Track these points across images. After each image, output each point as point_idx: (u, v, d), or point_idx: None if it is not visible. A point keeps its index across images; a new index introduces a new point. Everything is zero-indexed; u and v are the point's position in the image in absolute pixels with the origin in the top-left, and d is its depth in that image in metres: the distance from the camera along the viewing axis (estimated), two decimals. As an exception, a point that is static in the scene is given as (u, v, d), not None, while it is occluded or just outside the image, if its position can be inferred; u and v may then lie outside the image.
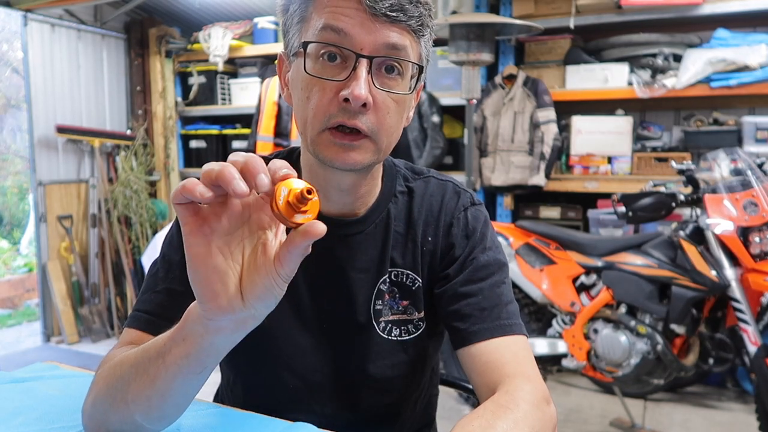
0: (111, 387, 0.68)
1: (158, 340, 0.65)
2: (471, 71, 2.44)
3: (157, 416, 0.67)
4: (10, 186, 6.80)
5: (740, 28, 2.91)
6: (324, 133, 0.75)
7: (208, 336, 0.59)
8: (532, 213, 3.27)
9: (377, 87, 0.74)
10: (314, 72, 0.74)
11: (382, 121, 0.75)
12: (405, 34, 0.74)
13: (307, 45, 0.74)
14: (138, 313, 0.82)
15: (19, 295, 4.76)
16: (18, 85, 6.85)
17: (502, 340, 0.81)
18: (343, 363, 0.89)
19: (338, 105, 0.73)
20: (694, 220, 2.32)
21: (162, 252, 0.88)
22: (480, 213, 0.92)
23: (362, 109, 0.73)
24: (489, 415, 0.66)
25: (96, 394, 0.71)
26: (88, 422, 0.72)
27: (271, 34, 3.76)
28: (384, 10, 0.71)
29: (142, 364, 0.65)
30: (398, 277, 0.89)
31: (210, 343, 0.60)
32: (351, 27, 0.72)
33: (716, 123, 3.00)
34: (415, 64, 0.77)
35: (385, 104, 0.75)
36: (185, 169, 4.19)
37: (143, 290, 0.85)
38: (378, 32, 0.72)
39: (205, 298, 0.56)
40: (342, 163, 0.75)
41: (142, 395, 0.65)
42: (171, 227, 0.90)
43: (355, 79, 0.72)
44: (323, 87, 0.74)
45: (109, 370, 0.70)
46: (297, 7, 0.77)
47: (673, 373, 2.41)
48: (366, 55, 0.72)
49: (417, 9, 0.74)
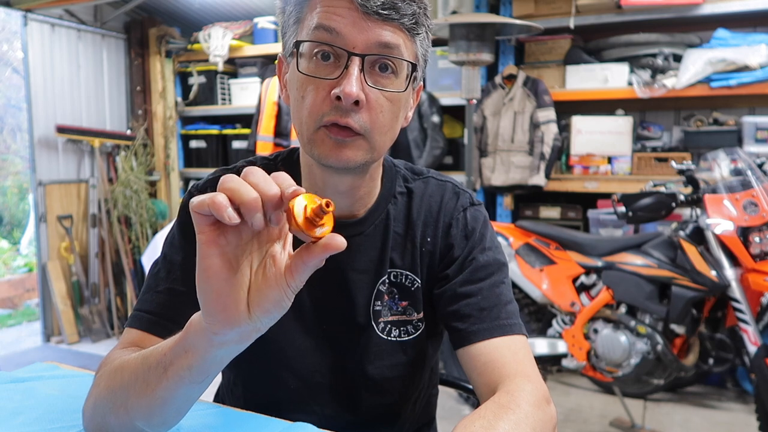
0: (111, 392, 0.68)
1: (159, 349, 0.64)
2: (471, 71, 2.44)
3: (159, 422, 0.67)
4: (10, 186, 6.80)
5: (740, 28, 2.91)
6: (319, 131, 0.75)
7: (212, 349, 0.58)
8: (532, 213, 3.27)
9: (370, 85, 0.74)
10: (308, 71, 0.75)
11: (375, 120, 0.75)
12: (398, 33, 0.74)
13: (300, 44, 0.75)
14: (139, 313, 0.82)
15: (19, 295, 4.76)
16: (18, 85, 6.85)
17: (501, 340, 0.81)
18: (342, 363, 0.89)
19: (331, 103, 0.73)
20: (694, 220, 2.32)
21: (163, 252, 0.87)
22: (479, 213, 0.92)
23: (354, 108, 0.73)
24: (491, 416, 0.66)
25: (96, 398, 0.71)
26: (88, 424, 0.72)
27: (271, 34, 3.76)
28: (376, 8, 0.71)
29: (142, 373, 0.64)
30: (397, 277, 0.89)
31: (213, 356, 0.59)
32: (343, 26, 0.72)
33: (716, 123, 3.00)
34: (408, 62, 0.76)
35: (378, 102, 0.75)
36: (185, 169, 4.19)
37: (144, 290, 0.85)
38: (370, 31, 0.72)
39: (214, 311, 0.55)
40: (336, 159, 0.75)
41: (143, 403, 0.65)
42: (172, 227, 0.90)
43: (347, 77, 0.72)
44: (317, 86, 0.74)
45: (109, 375, 0.70)
46: (293, 9, 0.78)
47: (673, 373, 2.41)
48: (358, 53, 0.72)
49: (410, 7, 0.73)
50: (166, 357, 0.62)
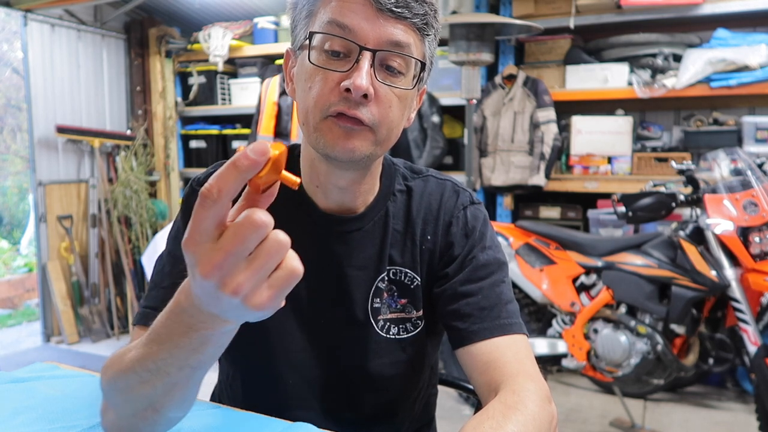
0: (134, 403, 0.66)
1: (169, 351, 0.60)
2: (471, 71, 2.44)
3: (189, 404, 0.68)
4: (10, 186, 6.81)
5: (740, 28, 2.91)
6: (326, 120, 0.75)
7: (225, 336, 0.58)
8: (532, 213, 3.27)
9: (379, 81, 0.75)
10: (318, 63, 0.75)
11: (385, 114, 0.76)
12: (409, 31, 0.75)
13: (313, 35, 0.75)
14: (146, 309, 0.82)
15: (19, 295, 4.76)
16: (18, 85, 6.85)
17: (502, 340, 0.81)
18: (341, 360, 0.89)
19: (339, 95, 0.74)
20: (694, 220, 2.32)
21: (167, 248, 0.87)
22: (479, 212, 0.92)
23: (363, 100, 0.73)
24: (499, 416, 0.66)
25: (118, 412, 0.69)
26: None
27: (271, 34, 3.77)
28: (389, 6, 0.72)
29: (160, 377, 0.62)
30: (396, 275, 0.89)
31: (229, 334, 0.59)
32: (356, 21, 0.73)
33: (716, 123, 3.00)
34: (419, 60, 0.77)
35: (388, 97, 0.76)
36: (185, 169, 4.19)
37: (150, 287, 0.85)
38: (382, 27, 0.73)
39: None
40: (342, 148, 0.75)
41: (175, 400, 0.64)
42: (175, 223, 0.90)
43: (357, 70, 0.72)
44: (326, 77, 0.75)
45: (126, 389, 0.66)
46: (305, 3, 0.78)
47: (673, 373, 2.41)
48: (370, 48, 0.73)
49: (422, 7, 0.75)
50: (182, 357, 0.60)
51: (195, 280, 0.51)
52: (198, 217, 0.48)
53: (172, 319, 0.58)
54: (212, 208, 0.47)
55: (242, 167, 0.46)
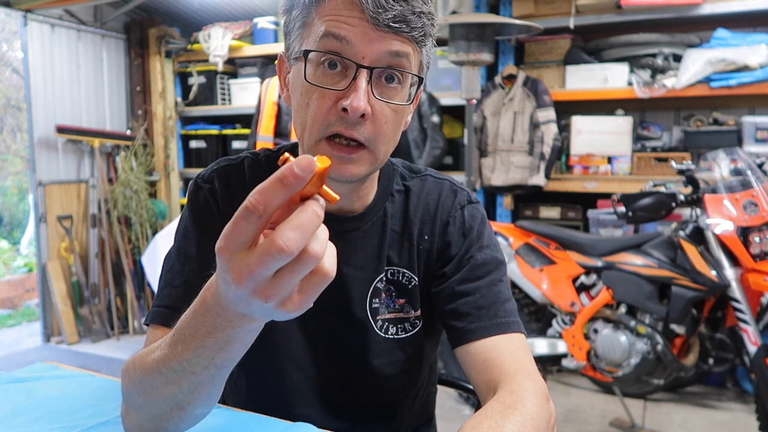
0: (159, 404, 0.66)
1: (194, 350, 0.60)
2: (471, 71, 2.44)
3: (215, 401, 0.68)
4: (10, 186, 6.81)
5: (740, 28, 2.91)
6: (321, 144, 0.75)
7: (251, 334, 0.59)
8: (532, 213, 3.27)
9: (376, 97, 0.74)
10: (314, 80, 0.74)
11: (380, 131, 0.76)
12: (407, 44, 0.74)
13: (308, 53, 0.74)
14: (159, 308, 0.82)
15: (19, 296, 4.76)
16: (18, 85, 6.85)
17: (500, 338, 0.81)
18: (341, 359, 0.90)
19: (337, 114, 0.74)
20: (694, 220, 2.32)
21: (176, 245, 0.87)
22: (477, 211, 0.92)
23: (360, 120, 0.73)
24: (498, 417, 0.66)
25: (141, 413, 0.69)
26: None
27: (270, 34, 3.77)
28: (387, 21, 0.71)
29: (186, 377, 0.62)
30: (394, 275, 0.90)
31: (255, 332, 0.59)
32: (353, 36, 0.72)
33: (716, 123, 3.00)
34: (416, 75, 0.77)
35: (384, 114, 0.76)
36: (185, 170, 4.19)
37: (162, 285, 0.85)
38: (379, 42, 0.72)
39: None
40: (339, 175, 0.76)
41: (201, 399, 0.65)
42: (182, 220, 0.89)
43: (355, 90, 0.72)
44: (323, 94, 0.74)
45: (151, 390, 0.66)
46: (299, 12, 0.77)
47: (673, 373, 2.41)
48: (366, 66, 0.72)
49: (420, 20, 0.74)
50: (207, 357, 0.60)
51: (226, 284, 0.51)
52: (238, 228, 0.47)
53: (197, 318, 0.58)
54: (256, 222, 0.47)
55: (289, 185, 0.46)
